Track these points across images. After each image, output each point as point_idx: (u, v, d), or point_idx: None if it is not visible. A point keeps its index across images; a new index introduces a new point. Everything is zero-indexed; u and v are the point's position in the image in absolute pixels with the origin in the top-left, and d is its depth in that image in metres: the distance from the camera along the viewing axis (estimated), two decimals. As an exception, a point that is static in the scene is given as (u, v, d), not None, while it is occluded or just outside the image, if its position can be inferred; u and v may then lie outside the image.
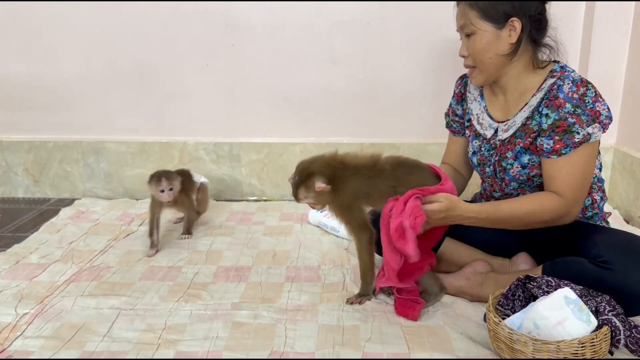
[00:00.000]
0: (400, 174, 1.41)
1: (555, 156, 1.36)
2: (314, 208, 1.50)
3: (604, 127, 1.35)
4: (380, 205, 1.37)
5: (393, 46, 2.32)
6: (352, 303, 1.47)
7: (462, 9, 1.43)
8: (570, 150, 1.34)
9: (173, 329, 1.36)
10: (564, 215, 1.38)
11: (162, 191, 1.85)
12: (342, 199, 1.42)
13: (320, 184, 1.39)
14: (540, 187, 1.45)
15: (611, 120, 1.36)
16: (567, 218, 1.40)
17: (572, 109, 1.33)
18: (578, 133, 1.33)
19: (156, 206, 1.90)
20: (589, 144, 1.35)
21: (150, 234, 1.86)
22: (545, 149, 1.38)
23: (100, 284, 1.59)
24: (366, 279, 1.49)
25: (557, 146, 1.35)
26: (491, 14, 1.38)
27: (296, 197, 1.47)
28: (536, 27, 1.42)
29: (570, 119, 1.33)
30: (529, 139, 1.42)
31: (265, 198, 2.50)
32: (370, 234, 1.44)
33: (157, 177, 1.87)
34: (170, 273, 1.68)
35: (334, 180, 1.41)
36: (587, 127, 1.33)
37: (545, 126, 1.37)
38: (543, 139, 1.38)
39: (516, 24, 1.38)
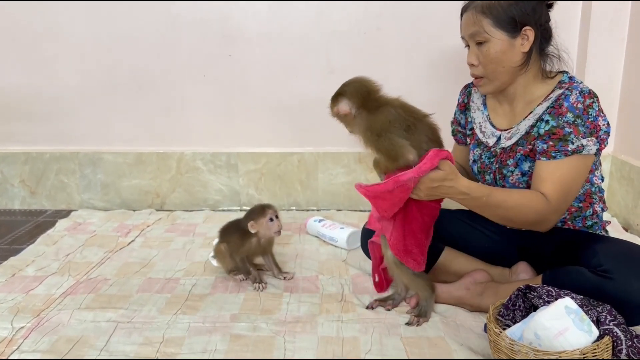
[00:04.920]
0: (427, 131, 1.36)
1: (545, 158, 1.36)
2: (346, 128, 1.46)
3: (601, 142, 1.35)
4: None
5: (389, 56, 2.33)
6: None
7: (474, 16, 1.40)
8: (561, 156, 1.34)
9: (171, 342, 1.34)
10: (545, 221, 1.38)
11: (272, 220, 1.63)
12: (372, 124, 1.35)
13: (343, 107, 1.40)
14: None
15: (609, 135, 1.36)
16: (546, 225, 1.39)
17: (572, 119, 1.33)
18: (572, 143, 1.33)
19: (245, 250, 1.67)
20: (581, 155, 1.34)
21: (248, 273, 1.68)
22: (538, 150, 1.38)
23: (97, 297, 1.58)
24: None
25: (549, 149, 1.35)
26: (505, 22, 1.37)
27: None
28: (544, 36, 1.42)
29: (567, 128, 1.33)
30: (530, 146, 1.42)
31: (263, 208, 2.49)
32: (405, 159, 1.31)
33: (260, 209, 1.65)
34: (167, 285, 1.67)
35: (365, 105, 1.38)
36: (583, 138, 1.33)
37: (542, 131, 1.38)
38: (538, 142, 1.38)
39: (529, 32, 1.38)
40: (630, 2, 2.13)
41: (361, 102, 1.38)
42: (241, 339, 1.35)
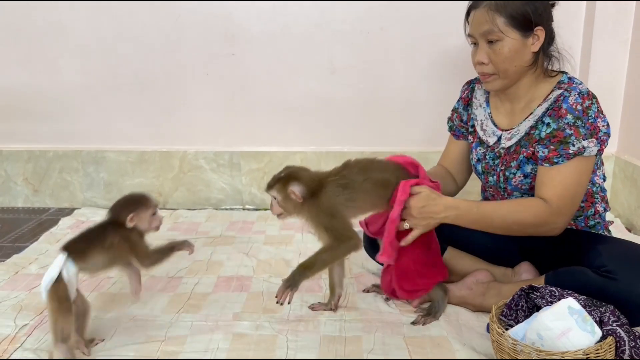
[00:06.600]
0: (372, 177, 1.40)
1: (547, 164, 1.36)
2: (275, 212, 1.39)
3: (601, 143, 1.35)
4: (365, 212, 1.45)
5: (392, 56, 2.32)
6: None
7: (488, 14, 1.37)
8: (563, 161, 1.34)
9: (173, 340, 1.34)
10: (549, 224, 1.37)
11: (155, 213, 1.37)
12: (320, 207, 1.35)
13: (295, 189, 1.33)
14: None
15: (609, 137, 1.36)
16: (552, 228, 1.38)
17: (573, 121, 1.33)
18: (573, 145, 1.33)
19: None
20: (583, 157, 1.34)
21: None
22: (539, 157, 1.38)
23: (100, 295, 1.58)
24: (305, 271, 1.34)
25: (551, 155, 1.35)
26: (519, 21, 1.36)
27: (268, 188, 1.38)
28: (550, 37, 1.43)
29: (567, 130, 1.33)
30: (532, 149, 1.42)
31: (265, 207, 2.49)
32: (355, 242, 1.36)
33: (143, 198, 1.37)
34: (170, 283, 1.67)
35: (312, 191, 1.35)
36: (584, 140, 1.33)
37: (543, 135, 1.38)
38: (539, 146, 1.38)
39: (540, 33, 1.38)
40: (634, 2, 2.12)
41: (310, 188, 1.35)
42: (243, 337, 1.35)
